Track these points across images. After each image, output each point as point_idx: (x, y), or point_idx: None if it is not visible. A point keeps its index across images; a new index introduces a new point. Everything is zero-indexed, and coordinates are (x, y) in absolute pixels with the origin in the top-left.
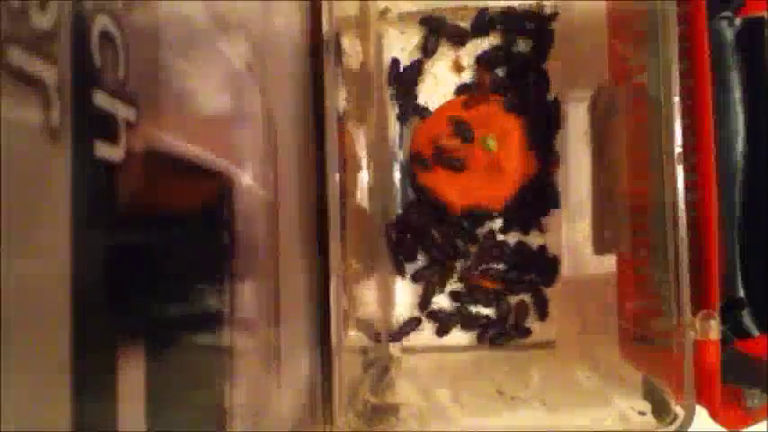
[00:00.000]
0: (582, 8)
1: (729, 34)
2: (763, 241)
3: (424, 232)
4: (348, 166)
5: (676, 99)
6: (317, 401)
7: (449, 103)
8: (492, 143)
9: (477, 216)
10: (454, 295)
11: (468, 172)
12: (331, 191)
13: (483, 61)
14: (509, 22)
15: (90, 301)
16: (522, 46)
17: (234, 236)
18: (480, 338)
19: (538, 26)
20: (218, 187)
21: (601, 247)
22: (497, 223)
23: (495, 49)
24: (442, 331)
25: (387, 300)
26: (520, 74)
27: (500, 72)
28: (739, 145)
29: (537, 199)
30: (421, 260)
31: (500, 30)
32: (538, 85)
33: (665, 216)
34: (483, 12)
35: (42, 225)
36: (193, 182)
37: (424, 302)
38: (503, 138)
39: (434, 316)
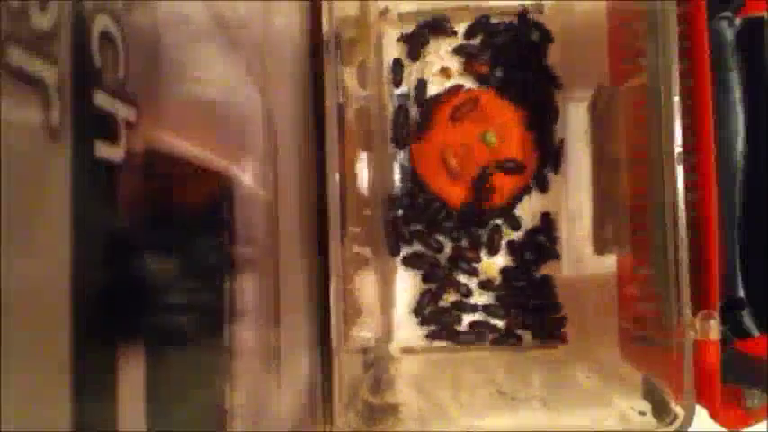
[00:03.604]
0: (582, 8)
1: (729, 34)
2: (763, 241)
3: (422, 230)
4: (348, 165)
5: (676, 99)
6: (317, 401)
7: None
8: (492, 138)
9: (479, 212)
10: (455, 305)
11: (469, 168)
12: (331, 191)
13: (477, 56)
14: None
15: (90, 300)
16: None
17: (234, 236)
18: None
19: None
20: (218, 187)
21: (601, 247)
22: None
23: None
24: (447, 334)
25: (387, 299)
26: (518, 67)
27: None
28: (739, 145)
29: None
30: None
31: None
32: (535, 78)
33: (665, 216)
34: (481, 19)
35: (42, 225)
36: (193, 182)
37: (419, 309)
38: (503, 132)
39: (433, 320)
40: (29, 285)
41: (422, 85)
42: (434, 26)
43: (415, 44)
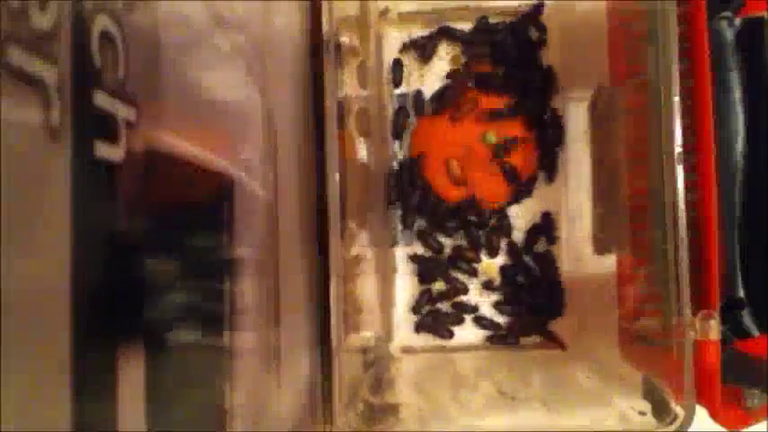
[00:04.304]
0: (582, 8)
1: (729, 34)
2: (763, 241)
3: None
4: (348, 165)
5: (676, 99)
6: (317, 401)
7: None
8: (492, 138)
9: (479, 212)
10: (455, 305)
11: (469, 168)
12: (331, 191)
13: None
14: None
15: (90, 300)
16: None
17: (234, 236)
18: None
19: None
20: (218, 187)
21: (601, 247)
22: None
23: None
24: (443, 333)
25: (387, 299)
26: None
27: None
28: (739, 145)
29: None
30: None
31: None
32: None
33: (665, 216)
34: (481, 20)
35: (42, 225)
36: (193, 182)
37: (417, 308)
38: (503, 132)
39: (431, 320)
40: (29, 285)
41: (420, 96)
42: (445, 32)
43: (427, 50)
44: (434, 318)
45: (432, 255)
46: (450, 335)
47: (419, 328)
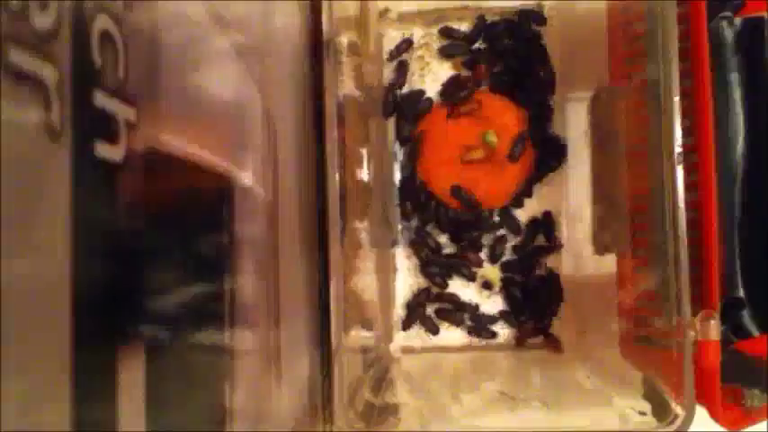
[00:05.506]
0: (582, 8)
1: (729, 34)
2: (763, 241)
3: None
4: (348, 165)
5: (676, 99)
6: (317, 401)
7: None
8: (493, 138)
9: (479, 214)
10: (457, 305)
11: (470, 168)
12: (331, 191)
13: (479, 58)
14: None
15: (90, 300)
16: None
17: (234, 236)
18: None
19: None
20: (218, 187)
21: (601, 247)
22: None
23: (491, 46)
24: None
25: (387, 299)
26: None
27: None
28: (739, 145)
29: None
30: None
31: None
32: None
33: (665, 216)
34: (480, 18)
35: (42, 225)
36: (193, 182)
37: (414, 303)
38: (503, 133)
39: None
40: (29, 285)
41: (427, 103)
42: (445, 32)
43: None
44: (424, 313)
45: (429, 251)
46: (436, 330)
47: (406, 321)
